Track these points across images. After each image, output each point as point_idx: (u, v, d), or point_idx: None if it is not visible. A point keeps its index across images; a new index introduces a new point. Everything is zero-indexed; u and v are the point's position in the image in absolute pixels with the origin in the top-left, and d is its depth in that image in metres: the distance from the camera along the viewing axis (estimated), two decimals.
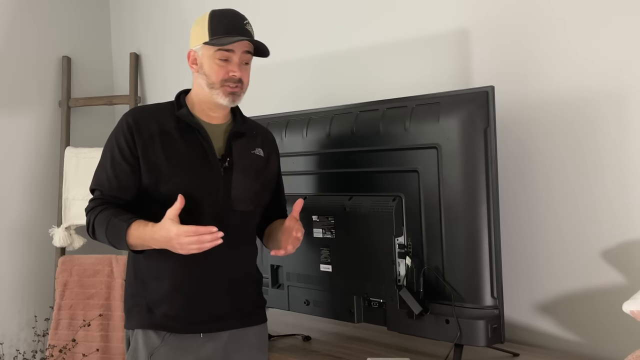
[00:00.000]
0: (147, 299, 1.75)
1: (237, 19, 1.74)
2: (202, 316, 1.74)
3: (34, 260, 3.21)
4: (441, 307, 1.74)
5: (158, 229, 1.63)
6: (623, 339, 1.80)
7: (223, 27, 1.71)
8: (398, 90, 2.19)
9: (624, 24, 1.77)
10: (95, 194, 1.77)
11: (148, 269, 1.76)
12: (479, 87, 1.69)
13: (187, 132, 1.75)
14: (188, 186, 1.70)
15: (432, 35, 2.19)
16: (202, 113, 1.78)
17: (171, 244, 1.61)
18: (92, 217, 1.73)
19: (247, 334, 1.81)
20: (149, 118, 1.75)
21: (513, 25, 1.99)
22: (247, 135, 1.83)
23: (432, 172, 1.74)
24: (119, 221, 1.67)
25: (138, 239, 1.66)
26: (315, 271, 2.03)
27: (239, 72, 1.72)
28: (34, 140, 3.24)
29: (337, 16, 2.48)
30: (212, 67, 1.72)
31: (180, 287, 1.73)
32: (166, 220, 1.62)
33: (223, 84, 1.72)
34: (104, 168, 1.75)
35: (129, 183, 1.73)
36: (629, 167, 1.78)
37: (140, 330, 1.75)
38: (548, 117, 1.92)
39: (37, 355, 3.17)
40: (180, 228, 1.59)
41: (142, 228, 1.66)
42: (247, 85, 1.76)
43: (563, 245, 1.91)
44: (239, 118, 1.86)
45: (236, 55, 1.71)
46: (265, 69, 2.76)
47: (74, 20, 3.39)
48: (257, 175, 1.81)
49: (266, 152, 1.86)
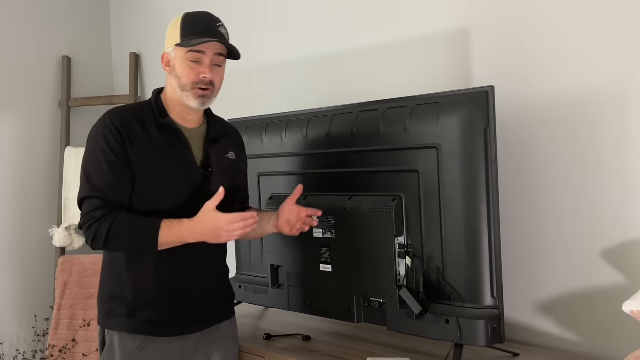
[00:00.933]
0: (127, 304, 1.77)
1: (210, 21, 1.75)
2: (183, 320, 1.80)
3: (34, 260, 3.21)
4: (441, 307, 1.74)
5: (199, 222, 1.67)
6: (623, 339, 1.80)
7: (195, 29, 1.72)
8: (398, 90, 2.18)
9: (624, 24, 1.77)
10: (95, 203, 1.69)
11: (128, 274, 1.77)
12: (479, 87, 1.69)
13: (169, 137, 1.77)
14: (171, 192, 1.74)
15: (433, 35, 2.19)
16: (178, 117, 1.80)
17: (218, 233, 1.66)
18: (105, 224, 1.66)
19: (217, 329, 1.89)
20: (132, 119, 1.74)
21: (513, 25, 1.99)
22: (220, 140, 1.86)
23: (432, 172, 1.74)
24: (148, 222, 1.68)
25: (172, 237, 1.68)
26: (315, 271, 2.02)
27: (209, 74, 1.73)
28: (34, 140, 3.24)
29: (337, 16, 2.48)
30: (183, 69, 1.72)
31: (163, 294, 1.77)
32: (208, 212, 1.66)
33: (194, 87, 1.73)
34: (102, 174, 1.69)
35: (129, 186, 1.72)
36: (629, 166, 1.78)
37: (117, 333, 1.78)
38: (549, 116, 1.92)
39: (37, 355, 3.17)
40: (229, 216, 1.65)
41: (176, 225, 1.67)
42: (218, 88, 1.78)
43: (563, 246, 1.91)
44: (212, 121, 1.88)
45: (207, 57, 1.72)
46: (266, 69, 2.77)
47: (74, 20, 3.39)
48: (232, 180, 1.86)
49: (237, 154, 1.92)
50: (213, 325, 1.87)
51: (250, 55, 2.82)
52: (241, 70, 2.84)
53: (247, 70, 2.82)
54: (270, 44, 2.74)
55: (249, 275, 2.31)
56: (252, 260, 2.28)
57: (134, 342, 1.76)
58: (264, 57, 2.77)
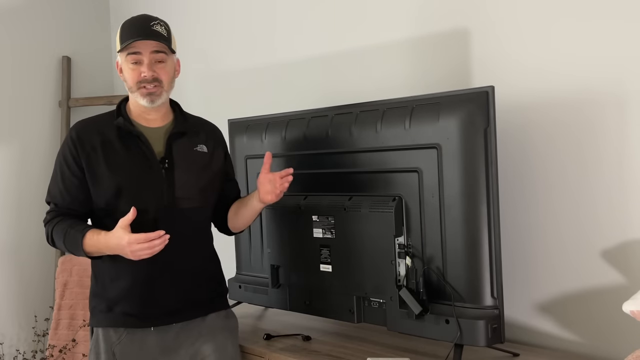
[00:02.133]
0: (106, 299, 1.86)
1: (143, 21, 1.82)
2: (156, 311, 1.84)
3: (34, 260, 3.21)
4: (441, 307, 1.74)
5: (111, 237, 1.72)
6: (623, 339, 1.80)
7: (129, 33, 1.80)
8: (398, 90, 2.19)
9: (624, 26, 1.77)
10: (51, 207, 1.89)
11: (105, 270, 1.86)
12: (479, 87, 1.69)
13: (127, 140, 1.83)
14: (131, 192, 1.79)
15: (432, 35, 2.19)
16: (140, 118, 1.87)
17: (124, 251, 1.71)
18: (49, 229, 1.86)
19: (202, 322, 1.90)
20: (91, 131, 1.84)
21: (513, 25, 1.99)
22: (188, 133, 1.90)
23: (432, 172, 1.74)
24: (75, 232, 1.78)
25: (93, 247, 1.77)
26: (315, 271, 2.02)
27: (149, 72, 1.79)
28: (34, 140, 3.24)
29: (337, 16, 2.48)
30: (127, 72, 1.82)
31: (135, 286, 1.83)
32: (118, 229, 1.71)
33: (139, 86, 1.80)
34: (56, 182, 1.87)
35: (80, 196, 1.84)
36: (628, 167, 1.78)
37: (101, 329, 1.85)
38: (548, 118, 1.92)
39: (37, 355, 3.17)
40: (131, 236, 1.68)
41: (95, 237, 1.76)
42: (167, 83, 1.83)
43: (563, 246, 1.91)
44: (180, 117, 1.93)
45: (145, 56, 1.79)
46: (266, 69, 2.77)
47: (74, 20, 3.39)
48: (201, 172, 1.89)
49: (210, 147, 1.94)
50: (194, 317, 1.89)
51: (250, 55, 2.82)
52: (241, 70, 2.84)
53: (247, 70, 2.82)
54: (270, 44, 2.74)
55: (249, 275, 2.31)
56: (252, 260, 2.28)
57: (115, 335, 1.83)
58: (264, 57, 2.77)
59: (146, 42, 1.78)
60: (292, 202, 2.07)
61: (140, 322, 1.84)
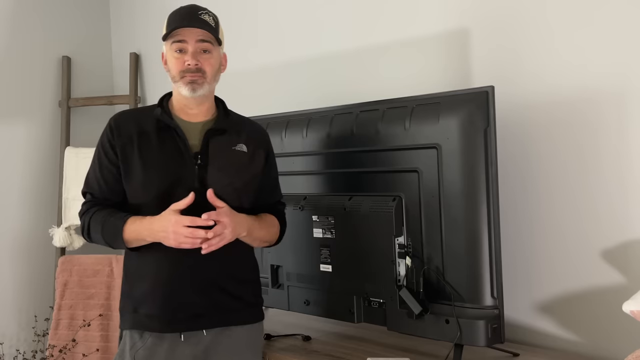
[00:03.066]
0: (132, 300, 1.78)
1: (191, 10, 1.75)
2: (179, 315, 1.74)
3: (34, 260, 3.21)
4: (441, 307, 1.74)
5: (157, 219, 1.66)
6: (623, 339, 1.80)
7: (175, 20, 1.74)
8: (398, 90, 2.19)
9: (624, 24, 1.77)
10: (87, 197, 1.82)
11: (134, 269, 1.79)
12: (479, 87, 1.69)
13: (164, 133, 1.76)
14: (162, 187, 1.72)
15: (433, 35, 2.19)
16: (181, 112, 1.80)
17: (167, 235, 1.63)
18: (86, 219, 1.77)
19: (231, 334, 1.78)
20: (129, 120, 1.79)
21: (513, 25, 1.99)
22: (228, 131, 1.81)
23: (432, 172, 1.74)
24: (114, 219, 1.72)
25: (134, 233, 1.69)
26: (315, 271, 2.03)
27: (192, 61, 1.71)
28: (34, 140, 3.23)
29: (337, 16, 2.48)
30: (171, 60, 1.75)
31: (158, 287, 1.74)
32: (169, 211, 1.65)
33: (182, 75, 1.73)
34: (94, 172, 1.80)
35: (116, 186, 1.78)
36: (628, 167, 1.78)
37: (128, 331, 1.78)
38: (548, 117, 1.92)
39: (37, 355, 3.17)
40: (179, 217, 1.62)
41: (138, 221, 1.70)
42: (211, 74, 1.75)
43: (563, 246, 1.91)
44: (222, 114, 1.84)
45: (190, 45, 1.72)
46: (266, 69, 2.77)
47: (74, 20, 3.39)
48: (237, 172, 1.78)
49: (251, 148, 1.82)
50: (217, 326, 1.76)
51: (250, 55, 2.82)
52: (241, 70, 2.84)
53: (247, 70, 2.82)
54: (270, 44, 2.74)
55: None
56: None
57: (140, 340, 1.75)
58: (264, 57, 2.77)
59: (191, 29, 1.70)
60: (292, 202, 2.07)
61: (164, 326, 1.74)
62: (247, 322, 1.81)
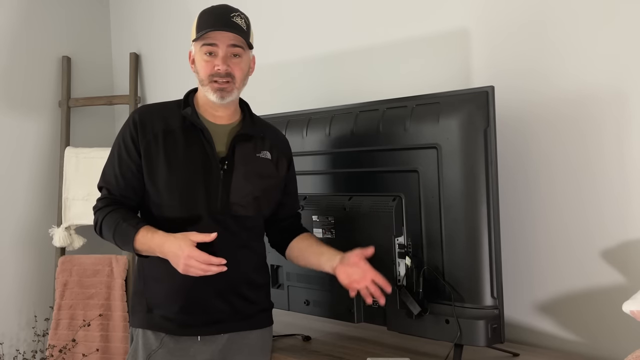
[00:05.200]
0: (147, 299, 1.76)
1: (223, 11, 1.71)
2: (198, 319, 1.73)
3: (34, 260, 3.21)
4: (441, 307, 1.74)
5: (169, 242, 1.62)
6: (623, 339, 1.80)
7: (207, 22, 1.69)
8: (398, 90, 2.18)
9: (626, 21, 1.77)
10: (103, 193, 1.76)
11: (150, 269, 1.76)
12: (479, 87, 1.69)
13: (190, 133, 1.73)
14: (185, 190, 1.70)
15: (432, 35, 2.19)
16: (207, 113, 1.76)
17: (177, 261, 1.61)
18: (100, 217, 1.73)
19: (247, 336, 1.79)
20: (155, 117, 1.74)
21: (513, 24, 1.99)
22: (254, 137, 1.79)
23: (432, 172, 1.74)
24: (127, 225, 1.67)
25: (144, 245, 1.67)
26: (315, 271, 2.02)
27: (223, 66, 1.68)
28: (34, 141, 3.23)
29: (337, 16, 2.48)
30: (200, 63, 1.71)
31: (177, 290, 1.72)
32: (183, 239, 1.61)
33: (211, 80, 1.69)
34: (112, 166, 1.74)
35: (135, 183, 1.73)
36: (631, 165, 1.78)
37: (140, 330, 1.76)
38: (551, 114, 1.92)
39: (37, 355, 3.17)
40: (193, 251, 1.58)
41: (150, 235, 1.66)
42: (240, 79, 1.73)
43: (563, 245, 1.91)
44: (248, 119, 1.81)
45: (220, 49, 1.68)
46: (266, 69, 2.76)
47: (74, 20, 3.39)
48: (259, 179, 1.77)
49: (275, 155, 1.81)
50: (234, 330, 1.76)
51: None
52: None
53: None
54: (270, 44, 2.74)
55: None
56: None
57: (156, 341, 1.73)
58: (264, 57, 2.77)
59: (224, 33, 1.67)
60: None
61: (182, 329, 1.72)
62: (261, 327, 1.83)
